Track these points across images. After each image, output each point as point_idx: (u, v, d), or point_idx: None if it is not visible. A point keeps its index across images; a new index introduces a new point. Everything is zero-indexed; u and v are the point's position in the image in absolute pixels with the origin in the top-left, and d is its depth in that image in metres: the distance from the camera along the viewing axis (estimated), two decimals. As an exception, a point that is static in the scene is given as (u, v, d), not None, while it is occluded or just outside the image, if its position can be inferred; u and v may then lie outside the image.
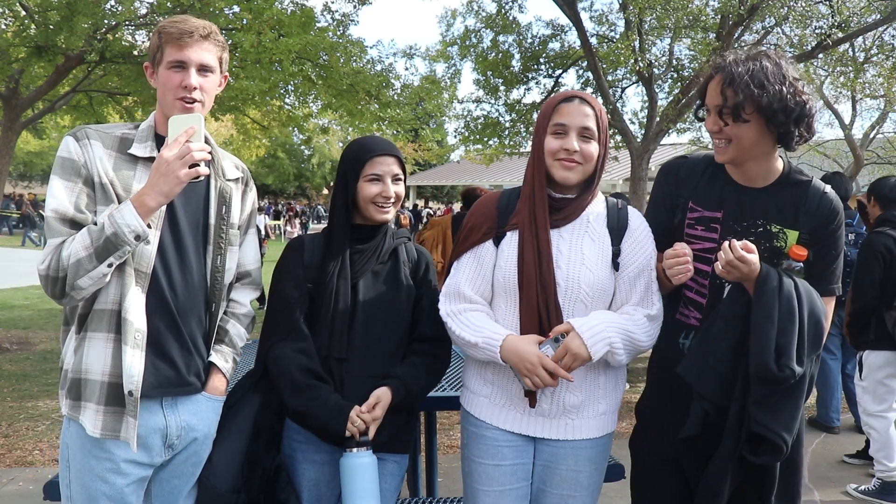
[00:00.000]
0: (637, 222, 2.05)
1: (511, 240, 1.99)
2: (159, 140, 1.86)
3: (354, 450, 1.94)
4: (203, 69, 1.84)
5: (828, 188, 2.02)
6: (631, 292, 1.99)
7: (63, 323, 1.85)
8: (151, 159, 1.81)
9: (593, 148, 1.97)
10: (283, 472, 2.02)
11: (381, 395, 1.98)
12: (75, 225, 1.73)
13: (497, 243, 2.01)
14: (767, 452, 1.84)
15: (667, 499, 2.08)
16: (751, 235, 1.98)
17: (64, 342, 1.84)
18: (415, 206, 32.14)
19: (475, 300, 2.01)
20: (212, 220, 1.91)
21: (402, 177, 2.09)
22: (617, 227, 2.01)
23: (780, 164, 2.02)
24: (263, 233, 17.94)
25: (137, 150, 1.82)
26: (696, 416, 1.91)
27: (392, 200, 2.06)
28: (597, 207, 2.03)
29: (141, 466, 1.80)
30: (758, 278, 1.84)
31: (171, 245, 1.83)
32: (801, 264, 1.94)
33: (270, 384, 2.03)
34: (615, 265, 1.98)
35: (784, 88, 1.85)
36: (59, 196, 1.74)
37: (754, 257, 1.84)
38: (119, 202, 1.75)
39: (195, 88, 1.81)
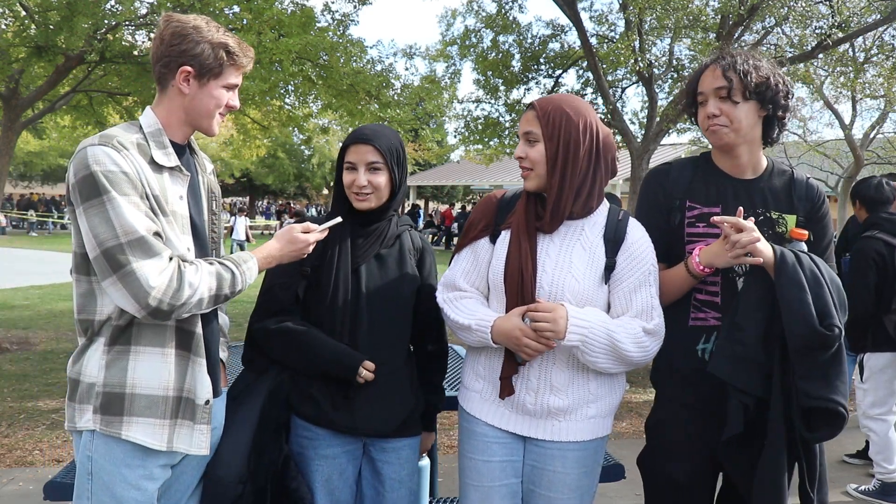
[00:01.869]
0: (636, 236, 1.99)
1: (504, 239, 2.00)
2: (173, 146, 1.82)
3: None
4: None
5: (810, 176, 2.13)
6: (629, 305, 1.96)
7: (84, 335, 1.76)
8: (176, 168, 1.79)
9: (536, 151, 1.95)
10: (291, 462, 2.02)
11: (425, 441, 2.24)
12: (159, 237, 1.68)
13: (493, 241, 2.03)
14: (825, 425, 1.82)
15: None
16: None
17: (82, 355, 1.75)
18: (414, 206, 32.04)
19: (469, 291, 2.05)
20: (205, 217, 1.92)
21: (384, 165, 2.05)
22: (613, 239, 1.97)
23: (764, 160, 2.10)
24: (244, 236, 17.00)
25: (162, 159, 1.75)
26: (737, 413, 1.87)
27: (368, 190, 2.04)
28: (596, 217, 1.99)
29: (167, 468, 1.79)
30: (776, 257, 1.87)
31: (198, 251, 1.84)
32: (804, 244, 1.97)
33: (277, 374, 2.05)
34: (606, 277, 1.95)
35: (774, 75, 1.99)
36: (135, 215, 1.64)
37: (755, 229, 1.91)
38: (165, 214, 1.72)
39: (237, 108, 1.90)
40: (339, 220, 2.00)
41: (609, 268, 1.95)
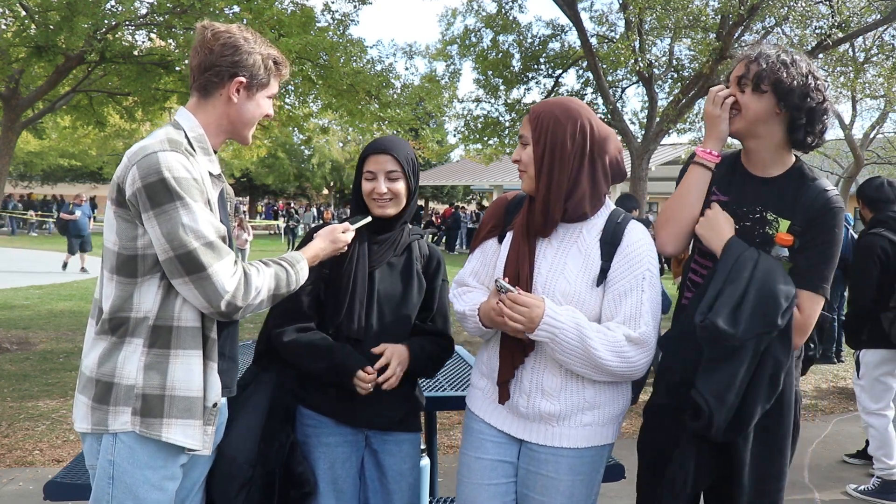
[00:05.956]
0: (633, 238, 1.95)
1: (508, 240, 2.05)
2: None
3: None
4: None
5: (833, 190, 2.02)
6: (616, 310, 1.92)
7: (112, 334, 1.74)
8: (217, 176, 1.85)
9: (527, 153, 1.97)
10: (297, 448, 2.10)
11: (395, 347, 2.10)
12: (223, 241, 1.73)
13: (501, 241, 2.09)
14: (697, 417, 1.83)
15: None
16: (748, 220, 2.04)
17: (114, 356, 1.73)
18: (419, 207, 32.03)
19: (476, 287, 2.12)
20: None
21: (402, 174, 2.15)
22: (610, 242, 1.94)
23: (790, 162, 2.07)
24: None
25: (208, 165, 1.82)
26: (662, 385, 1.98)
27: (388, 197, 2.13)
28: (595, 220, 1.98)
29: (182, 468, 1.81)
30: (725, 246, 1.94)
31: None
32: (786, 251, 1.96)
33: (282, 366, 2.13)
34: (601, 280, 1.93)
35: (806, 79, 1.95)
36: (207, 219, 1.69)
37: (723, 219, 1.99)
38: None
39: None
40: (369, 219, 2.12)
41: (604, 271, 1.93)
